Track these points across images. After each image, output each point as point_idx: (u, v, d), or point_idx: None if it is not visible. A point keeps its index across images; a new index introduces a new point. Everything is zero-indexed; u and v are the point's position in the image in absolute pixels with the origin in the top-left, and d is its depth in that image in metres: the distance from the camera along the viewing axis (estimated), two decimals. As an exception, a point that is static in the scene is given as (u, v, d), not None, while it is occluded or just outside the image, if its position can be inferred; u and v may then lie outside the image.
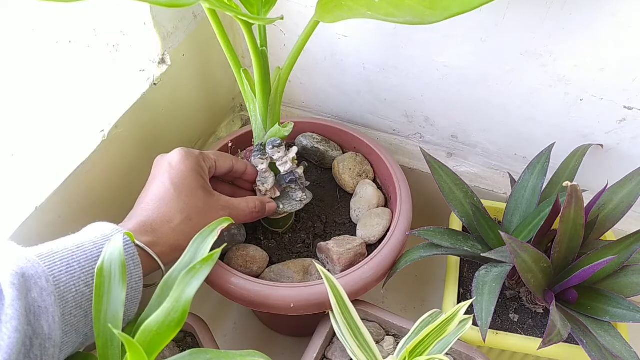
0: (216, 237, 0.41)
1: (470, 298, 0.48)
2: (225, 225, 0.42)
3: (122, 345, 0.35)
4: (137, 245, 0.43)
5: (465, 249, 0.56)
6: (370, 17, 0.37)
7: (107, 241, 0.39)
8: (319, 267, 0.47)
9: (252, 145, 0.55)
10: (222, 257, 0.57)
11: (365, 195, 0.62)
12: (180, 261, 0.41)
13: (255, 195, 0.57)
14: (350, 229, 0.61)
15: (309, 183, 0.58)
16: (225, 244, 0.48)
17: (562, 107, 0.60)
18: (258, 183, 0.55)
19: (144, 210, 0.46)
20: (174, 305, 0.35)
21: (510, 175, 0.64)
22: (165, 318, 0.34)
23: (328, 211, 0.63)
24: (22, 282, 0.34)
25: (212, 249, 0.39)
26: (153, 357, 0.34)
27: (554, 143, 0.59)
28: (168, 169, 0.48)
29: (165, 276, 0.40)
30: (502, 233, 0.47)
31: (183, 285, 0.35)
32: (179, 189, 0.47)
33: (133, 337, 0.33)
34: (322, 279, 0.47)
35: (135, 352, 0.32)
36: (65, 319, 0.36)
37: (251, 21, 0.43)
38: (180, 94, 0.67)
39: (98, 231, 0.42)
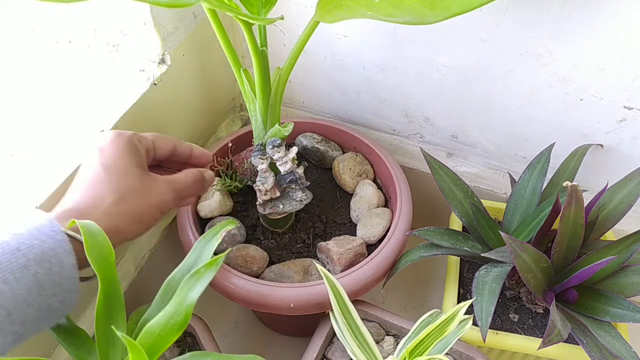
0: (220, 240, 0.41)
1: (470, 298, 0.48)
2: (229, 227, 0.42)
3: (124, 345, 0.35)
4: (67, 234, 0.39)
5: (465, 249, 0.56)
6: (370, 17, 0.37)
7: (33, 231, 0.36)
8: (319, 267, 0.46)
9: (252, 145, 0.55)
10: (222, 257, 0.57)
11: (365, 195, 0.62)
12: (184, 263, 0.41)
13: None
14: (350, 229, 0.61)
15: (309, 183, 0.58)
16: (229, 249, 0.47)
17: (562, 107, 0.60)
18: (258, 183, 0.55)
19: (71, 197, 0.43)
20: (177, 308, 0.35)
21: (510, 175, 0.64)
22: (167, 321, 0.34)
23: (328, 211, 0.63)
24: None
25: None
26: (154, 358, 0.34)
27: (554, 143, 0.59)
28: (98, 152, 0.45)
29: (168, 278, 0.40)
30: (502, 233, 0.47)
31: (187, 289, 0.35)
32: (110, 169, 0.44)
33: (135, 339, 0.33)
34: (322, 279, 0.47)
35: (137, 354, 0.32)
36: None
37: (251, 21, 0.43)
38: (180, 94, 0.66)
39: (20, 221, 0.38)
